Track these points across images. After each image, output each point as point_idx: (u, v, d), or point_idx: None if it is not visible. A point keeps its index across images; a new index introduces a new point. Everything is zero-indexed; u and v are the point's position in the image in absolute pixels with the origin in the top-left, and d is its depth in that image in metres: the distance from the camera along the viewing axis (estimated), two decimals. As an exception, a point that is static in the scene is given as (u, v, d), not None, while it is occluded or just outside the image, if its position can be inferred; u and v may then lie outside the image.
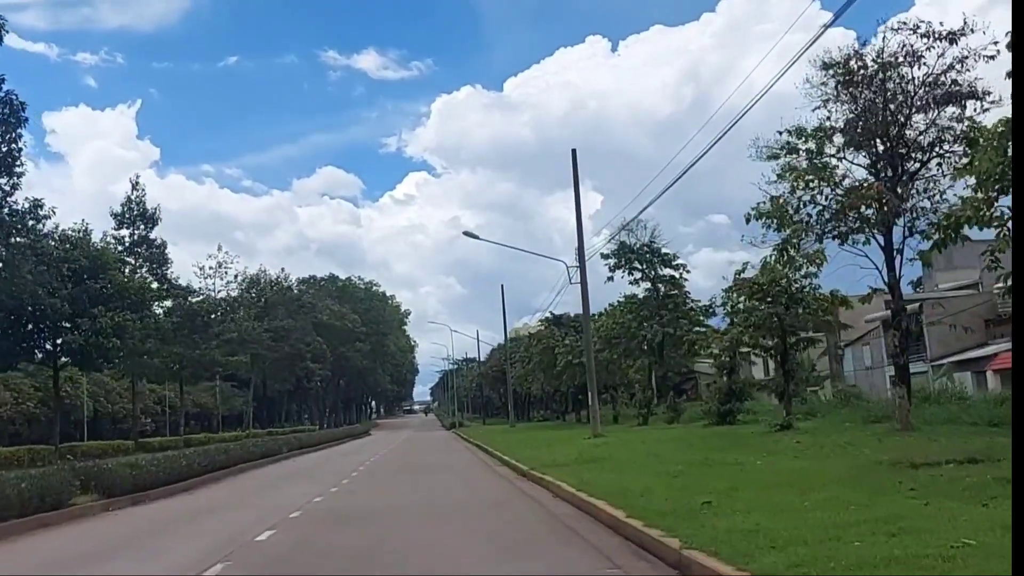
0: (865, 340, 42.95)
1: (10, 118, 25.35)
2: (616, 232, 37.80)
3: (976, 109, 16.23)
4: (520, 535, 9.67)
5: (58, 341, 31.48)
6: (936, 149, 16.69)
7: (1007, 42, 11.43)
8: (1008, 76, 10.65)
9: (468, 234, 40.56)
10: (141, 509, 15.06)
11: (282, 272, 79.76)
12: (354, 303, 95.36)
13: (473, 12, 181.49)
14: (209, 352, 46.91)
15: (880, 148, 17.11)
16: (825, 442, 16.25)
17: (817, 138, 17.78)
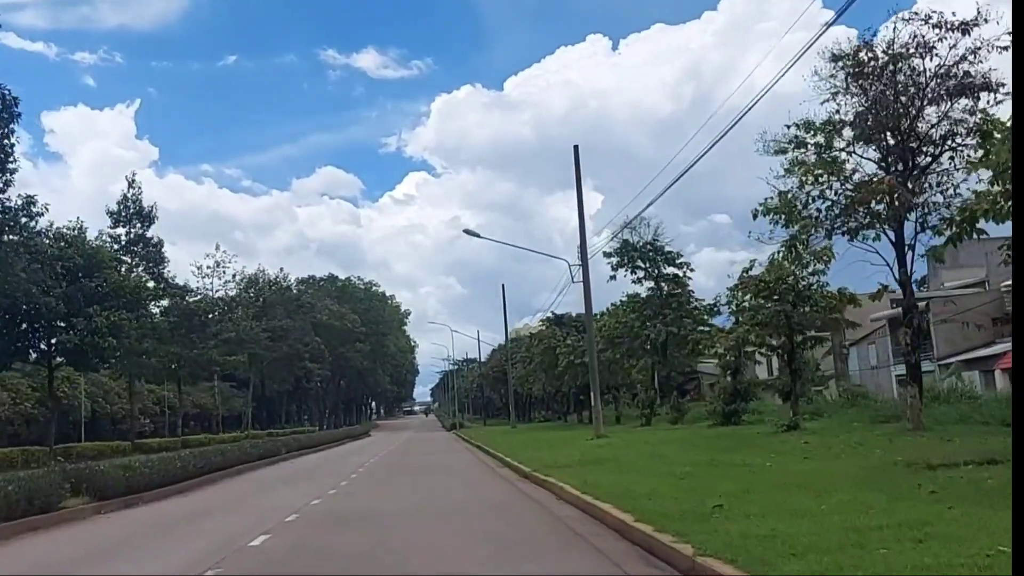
0: (871, 339, 42.59)
1: (2, 113, 24.88)
2: (619, 230, 37.42)
3: (989, 101, 15.86)
4: (523, 539, 9.34)
5: (53, 341, 31.11)
6: (948, 142, 16.31)
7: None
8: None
9: (469, 232, 40.29)
10: (133, 512, 14.69)
11: (281, 272, 79.46)
12: (354, 303, 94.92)
13: (473, 11, 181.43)
14: (207, 352, 46.57)
15: (891, 142, 16.72)
16: (834, 443, 16.05)
17: (826, 132, 17.42)
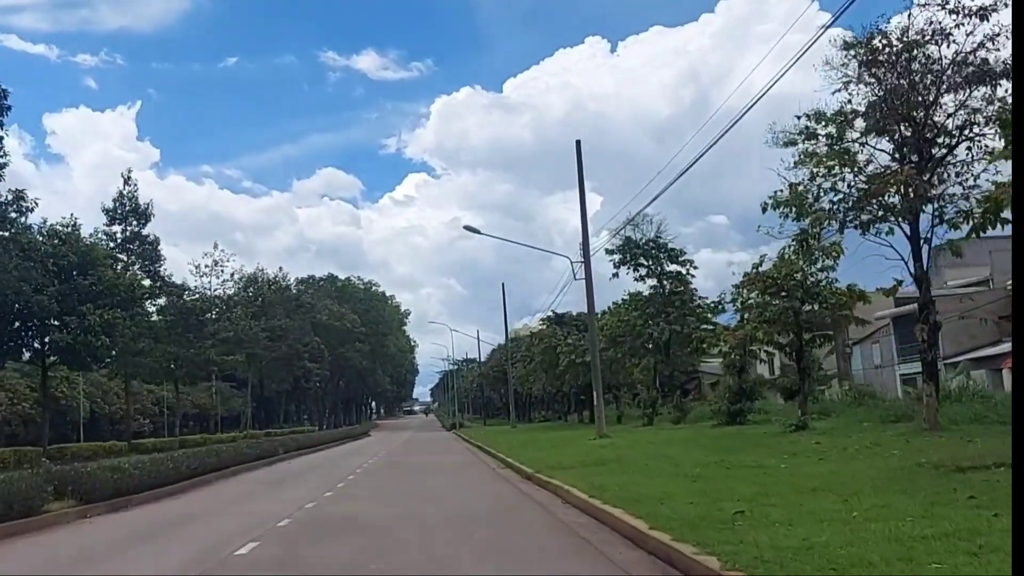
0: (874, 338, 42.00)
1: (-8, 106, 24.38)
2: (622, 226, 36.72)
3: (1008, 89, 15.26)
4: (528, 546, 8.79)
5: (46, 339, 30.54)
6: (965, 132, 15.71)
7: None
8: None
9: (469, 228, 39.78)
10: (119, 516, 14.07)
11: (280, 271, 78.93)
12: (353, 303, 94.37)
13: (473, 13, 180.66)
14: (204, 351, 45.97)
15: (906, 133, 16.12)
16: (847, 443, 15.54)
17: (837, 123, 16.81)
